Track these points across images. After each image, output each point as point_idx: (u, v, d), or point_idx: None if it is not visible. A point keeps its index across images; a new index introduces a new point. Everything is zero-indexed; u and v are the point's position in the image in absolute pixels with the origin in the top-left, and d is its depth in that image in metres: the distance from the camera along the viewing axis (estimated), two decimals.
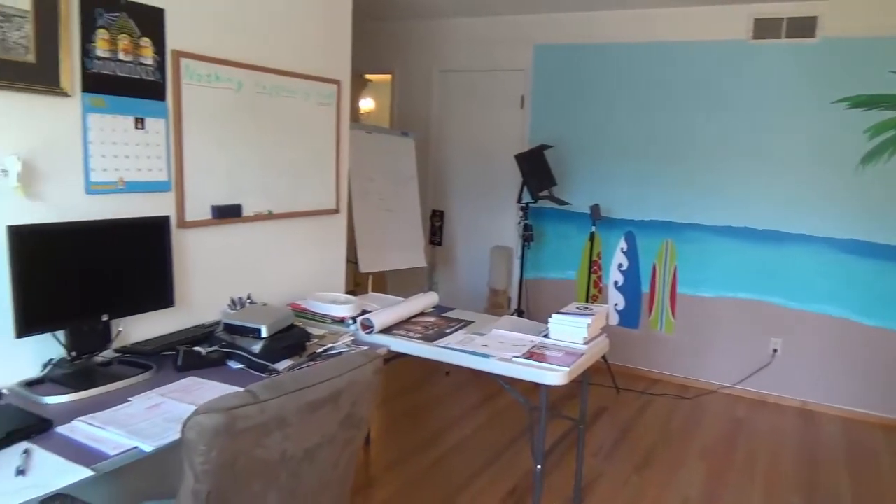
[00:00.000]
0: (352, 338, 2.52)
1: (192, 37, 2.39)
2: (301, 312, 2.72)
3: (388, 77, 5.52)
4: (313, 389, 1.42)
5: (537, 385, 2.30)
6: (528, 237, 4.56)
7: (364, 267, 4.09)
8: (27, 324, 1.81)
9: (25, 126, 1.91)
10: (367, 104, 7.65)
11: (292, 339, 2.29)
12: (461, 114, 5.19)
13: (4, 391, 1.84)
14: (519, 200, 4.55)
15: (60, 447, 1.56)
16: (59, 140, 2.00)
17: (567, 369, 2.29)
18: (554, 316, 2.61)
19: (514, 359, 2.36)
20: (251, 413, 1.30)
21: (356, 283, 4.72)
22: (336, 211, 3.26)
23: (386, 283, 5.45)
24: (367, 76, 6.02)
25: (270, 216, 2.85)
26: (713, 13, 4.25)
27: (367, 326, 2.57)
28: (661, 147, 4.48)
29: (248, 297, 2.61)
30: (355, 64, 3.28)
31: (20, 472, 1.43)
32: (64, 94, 1.98)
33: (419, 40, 5.26)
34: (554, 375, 2.27)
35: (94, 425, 1.67)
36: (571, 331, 2.56)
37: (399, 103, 5.43)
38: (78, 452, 1.54)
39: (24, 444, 1.55)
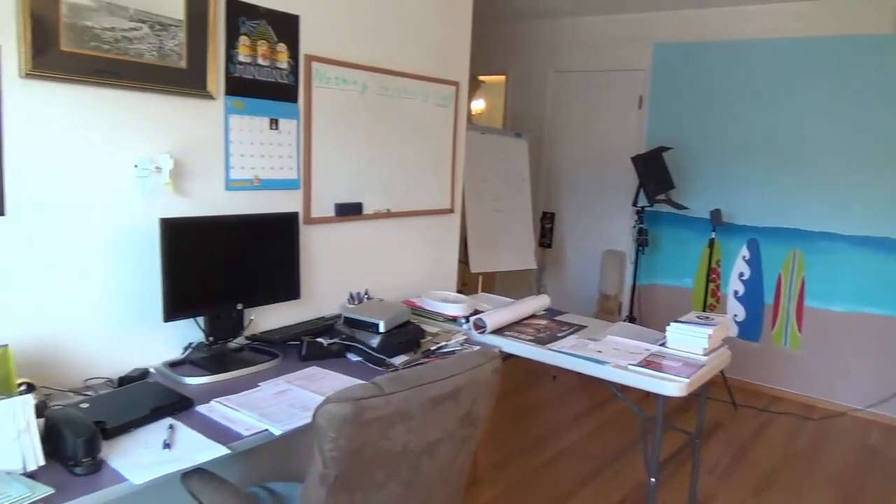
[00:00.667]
0: (464, 337, 2.55)
1: (323, 41, 2.50)
2: (415, 309, 2.78)
3: (500, 78, 5.53)
4: (436, 385, 1.44)
5: (648, 395, 2.23)
6: (642, 242, 4.42)
7: (475, 267, 4.12)
8: (173, 309, 1.96)
9: (176, 127, 2.07)
10: (477, 105, 7.70)
11: (408, 336, 2.35)
12: (576, 115, 5.12)
13: (151, 370, 2.01)
14: (634, 204, 4.42)
15: (200, 425, 1.68)
16: (205, 140, 2.16)
17: (686, 380, 2.20)
18: (672, 324, 2.51)
19: (630, 367, 2.29)
20: (378, 404, 1.35)
21: (463, 283, 4.77)
22: (451, 211, 3.31)
23: (494, 283, 5.46)
24: (480, 77, 6.06)
25: (388, 214, 2.93)
26: (852, 5, 3.93)
27: (480, 326, 2.59)
28: (788, 150, 4.21)
29: (366, 293, 2.71)
30: (469, 65, 3.31)
31: (166, 445, 1.56)
32: (210, 97, 2.14)
33: (535, 41, 5.23)
34: (672, 386, 2.19)
35: (229, 406, 1.79)
36: (691, 340, 2.46)
37: (512, 104, 5.43)
38: (215, 431, 1.65)
39: (168, 420, 1.69)
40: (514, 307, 2.81)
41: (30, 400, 1.44)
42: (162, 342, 2.10)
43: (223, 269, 2.11)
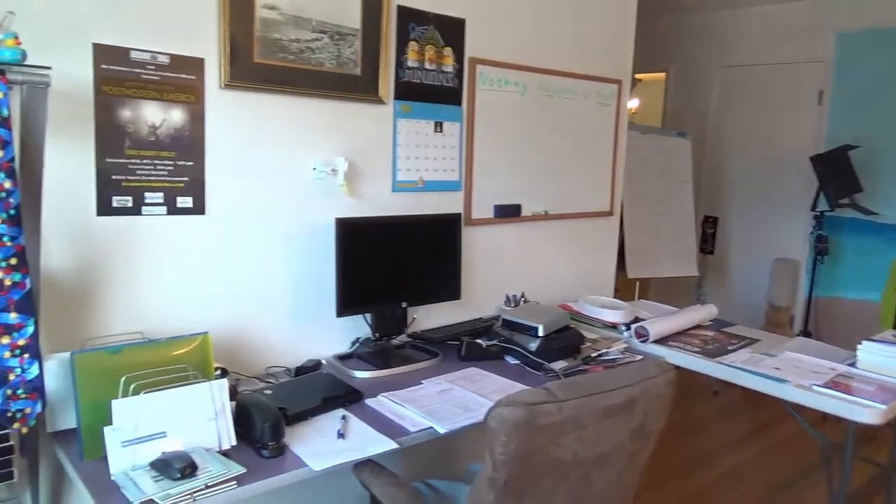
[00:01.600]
0: (625, 345, 2.45)
1: (486, 44, 2.52)
2: (572, 314, 2.71)
3: (656, 76, 5.29)
4: (609, 395, 1.39)
5: (825, 418, 2.00)
6: (821, 250, 4.03)
7: (632, 272, 3.97)
8: (345, 306, 2.06)
9: (350, 131, 2.18)
10: (632, 104, 7.41)
11: (567, 341, 2.30)
12: (744, 112, 4.77)
13: (323, 361, 2.12)
14: (813, 208, 4.04)
15: (370, 417, 1.74)
16: (375, 143, 2.25)
17: (884, 407, 1.96)
18: (865, 343, 2.25)
19: (814, 387, 2.08)
20: (550, 410, 1.32)
21: (616, 289, 4.61)
22: (609, 213, 3.21)
23: (648, 290, 5.23)
24: (638, 76, 5.83)
25: (546, 217, 2.90)
26: None
27: (642, 335, 2.48)
28: None
29: (523, 296, 2.69)
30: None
31: (340, 435, 1.63)
32: (381, 101, 2.22)
33: (700, 35, 4.95)
34: (867, 412, 1.96)
35: (396, 402, 1.84)
36: (888, 363, 2.19)
37: (673, 102, 5.18)
38: (384, 425, 1.71)
39: (341, 411, 1.77)
40: (679, 316, 2.66)
41: (225, 384, 1.57)
42: (332, 336, 2.21)
43: (390, 268, 2.18)
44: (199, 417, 1.51)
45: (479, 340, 2.30)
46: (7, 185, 1.29)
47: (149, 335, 1.78)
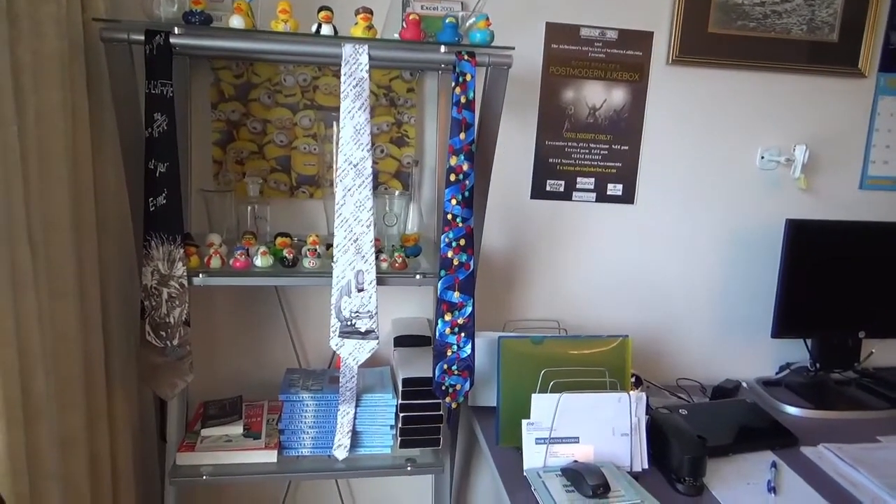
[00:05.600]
0: None
1: None
2: None
3: None
4: None
5: None
6: None
7: None
8: (786, 325, 1.80)
9: (812, 112, 1.86)
10: None
11: None
12: None
13: (744, 384, 1.89)
14: None
15: (808, 473, 1.48)
16: (842, 128, 1.89)
17: None
18: None
19: None
20: None
21: None
22: None
23: None
24: None
25: None
26: None
27: None
28: None
29: None
30: None
31: (772, 488, 1.41)
32: (859, 74, 1.84)
33: None
34: None
35: (844, 460, 1.53)
36: None
37: None
38: (829, 489, 1.42)
39: (769, 455, 1.54)
40: None
41: (643, 399, 1.47)
42: (757, 355, 1.97)
43: (848, 287, 1.83)
44: (613, 429, 1.45)
45: None
46: (465, 167, 1.37)
47: (564, 325, 1.79)
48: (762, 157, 1.85)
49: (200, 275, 1.36)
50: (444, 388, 1.47)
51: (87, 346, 1.35)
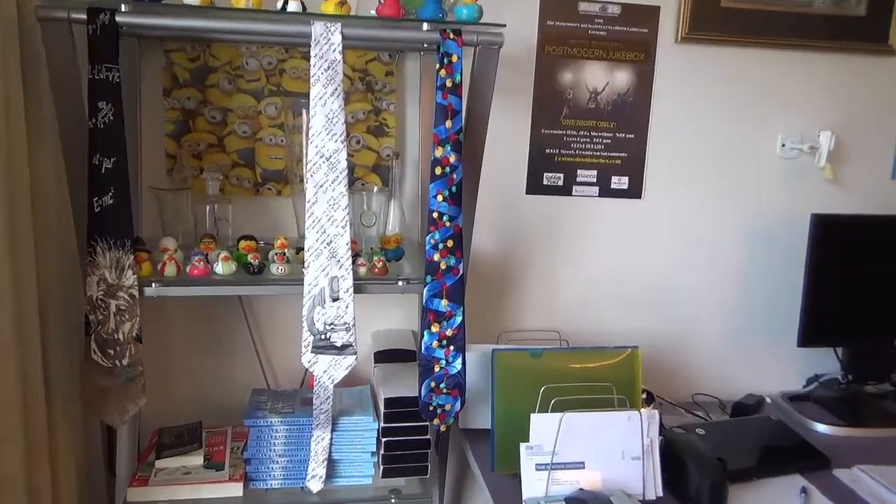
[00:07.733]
0: None
1: None
2: None
3: None
4: None
5: None
6: None
7: None
8: (813, 333, 1.75)
9: (837, 95, 1.82)
10: None
11: None
12: None
13: (767, 399, 1.83)
14: None
15: (841, 498, 1.39)
16: (873, 112, 1.85)
17: None
18: None
19: None
20: None
21: None
22: None
23: None
24: None
25: None
26: None
27: None
28: None
29: None
30: None
31: None
32: (890, 52, 1.79)
33: None
34: None
35: (880, 483, 1.44)
36: None
37: None
38: None
39: (798, 478, 1.46)
40: None
41: (656, 417, 1.39)
42: (782, 367, 1.91)
43: (883, 290, 1.78)
44: (623, 452, 1.37)
45: None
46: (452, 158, 1.29)
47: (566, 336, 1.73)
48: (783, 145, 1.80)
49: (153, 284, 1.29)
50: (431, 408, 1.39)
51: (24, 369, 1.26)
